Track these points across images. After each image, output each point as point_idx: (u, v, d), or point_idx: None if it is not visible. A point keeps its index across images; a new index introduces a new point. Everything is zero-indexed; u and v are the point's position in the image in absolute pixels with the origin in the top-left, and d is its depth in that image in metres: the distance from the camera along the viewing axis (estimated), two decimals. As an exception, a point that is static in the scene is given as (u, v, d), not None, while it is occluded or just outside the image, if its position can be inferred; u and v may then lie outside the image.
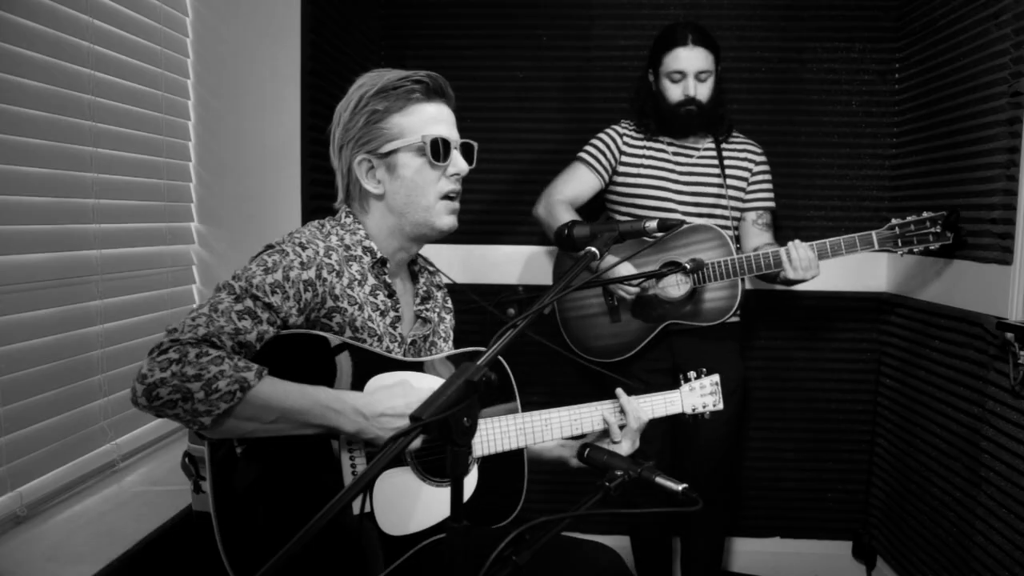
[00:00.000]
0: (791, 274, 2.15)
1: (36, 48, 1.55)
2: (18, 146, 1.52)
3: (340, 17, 2.44)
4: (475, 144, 1.50)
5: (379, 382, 1.36)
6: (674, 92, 2.30)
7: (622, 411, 1.60)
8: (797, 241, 2.15)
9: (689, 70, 2.26)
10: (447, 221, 1.46)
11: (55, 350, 1.63)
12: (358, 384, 1.34)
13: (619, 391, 1.61)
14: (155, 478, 1.85)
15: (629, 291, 2.27)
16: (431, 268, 1.66)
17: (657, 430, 2.44)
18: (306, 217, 2.22)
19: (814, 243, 2.15)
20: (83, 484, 1.72)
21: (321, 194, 2.29)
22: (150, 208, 1.99)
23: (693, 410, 1.71)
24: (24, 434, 1.55)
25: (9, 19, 1.49)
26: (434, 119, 1.43)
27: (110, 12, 1.80)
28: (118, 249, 1.84)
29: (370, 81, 1.43)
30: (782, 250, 2.16)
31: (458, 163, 1.45)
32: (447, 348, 1.63)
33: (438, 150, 1.41)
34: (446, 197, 1.45)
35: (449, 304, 1.69)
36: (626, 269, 2.25)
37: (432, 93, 1.44)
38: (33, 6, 1.55)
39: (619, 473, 1.28)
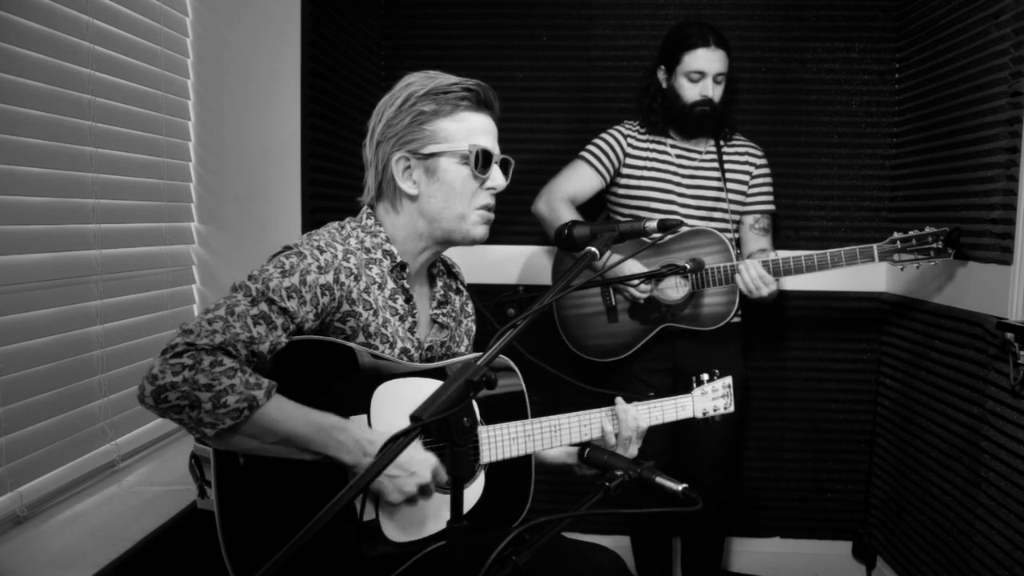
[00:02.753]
0: (743, 291, 2.18)
1: (36, 48, 1.55)
2: (18, 146, 1.52)
3: (340, 17, 2.44)
4: (512, 161, 1.49)
5: (386, 391, 1.35)
6: (691, 92, 2.31)
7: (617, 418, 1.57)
8: (749, 261, 2.18)
9: (709, 71, 2.28)
10: (480, 231, 1.46)
11: (55, 350, 1.63)
12: (366, 391, 1.33)
13: (618, 399, 1.59)
14: (155, 478, 1.85)
15: (642, 290, 2.27)
16: (453, 271, 1.64)
17: (657, 430, 2.45)
18: (306, 217, 2.22)
19: (815, 254, 2.15)
20: (83, 484, 1.72)
21: (321, 194, 2.30)
22: (150, 208, 1.99)
23: (704, 414, 1.69)
24: (24, 434, 1.54)
25: (9, 19, 1.48)
26: (480, 130, 1.42)
27: (110, 12, 1.80)
28: (118, 249, 1.84)
29: (420, 81, 1.41)
30: (739, 265, 2.19)
31: (496, 178, 1.44)
32: (463, 353, 1.62)
33: (480, 161, 1.40)
34: (482, 208, 1.45)
35: (469, 309, 1.68)
36: (633, 266, 2.24)
37: (481, 104, 1.43)
38: (33, 6, 1.55)
39: (619, 473, 1.28)
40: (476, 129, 1.42)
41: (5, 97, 1.48)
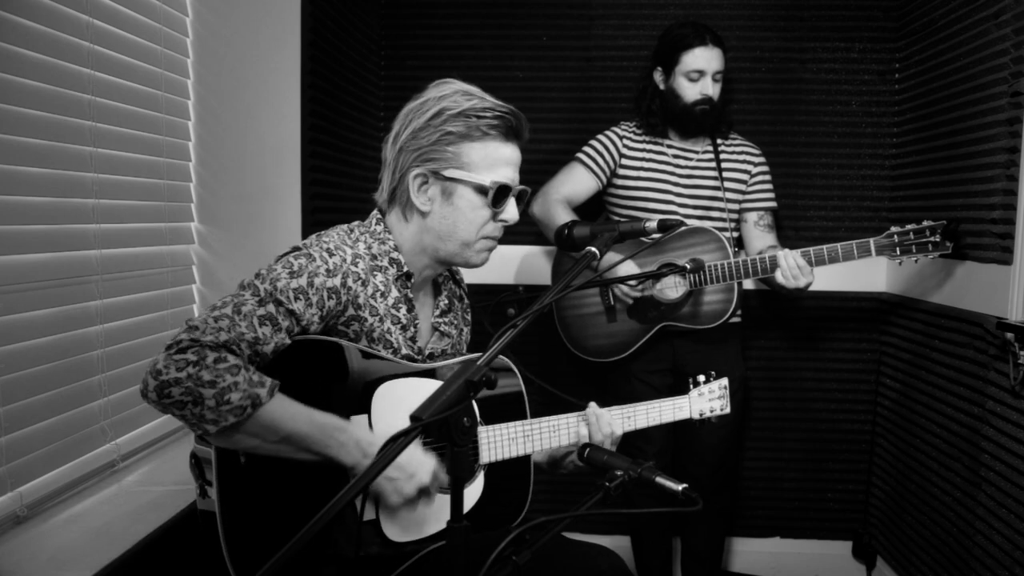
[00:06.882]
0: (781, 280, 2.15)
1: (36, 48, 1.55)
2: (18, 146, 1.52)
3: (340, 17, 2.44)
4: (529, 191, 1.49)
5: (387, 391, 1.35)
6: (691, 91, 2.31)
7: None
8: (787, 251, 2.16)
9: (708, 69, 2.28)
10: (482, 258, 1.46)
11: (55, 350, 1.63)
12: (367, 391, 1.33)
13: (591, 403, 1.57)
14: (155, 478, 1.85)
15: (630, 294, 2.27)
16: (456, 277, 1.64)
17: (658, 430, 2.45)
18: (306, 217, 2.22)
19: (811, 249, 2.14)
20: (83, 484, 1.72)
21: (321, 194, 2.30)
22: (150, 208, 1.99)
23: (701, 415, 1.70)
24: (24, 434, 1.55)
25: (9, 19, 1.48)
26: (505, 161, 1.40)
27: (110, 12, 1.80)
28: (118, 249, 1.84)
29: (454, 96, 1.38)
30: (776, 255, 2.16)
31: (510, 212, 1.43)
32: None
33: (499, 197, 1.40)
34: (487, 238, 1.44)
35: (468, 317, 1.69)
36: (628, 267, 2.25)
37: (511, 133, 1.41)
38: (33, 6, 1.55)
39: (619, 473, 1.28)
40: (500, 160, 1.40)
41: (5, 97, 1.48)
